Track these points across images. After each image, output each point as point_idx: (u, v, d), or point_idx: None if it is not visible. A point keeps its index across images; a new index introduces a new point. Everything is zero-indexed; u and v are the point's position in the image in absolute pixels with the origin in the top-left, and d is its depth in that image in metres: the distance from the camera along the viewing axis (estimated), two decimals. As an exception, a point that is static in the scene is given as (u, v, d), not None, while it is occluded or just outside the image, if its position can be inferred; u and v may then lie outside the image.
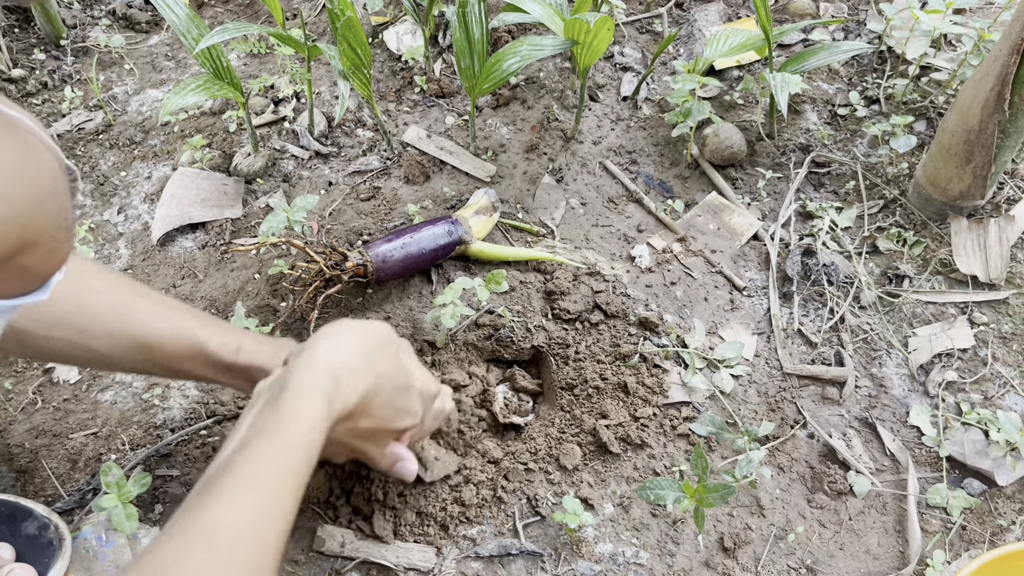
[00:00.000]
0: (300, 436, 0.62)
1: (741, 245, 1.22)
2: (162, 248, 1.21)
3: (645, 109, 1.38)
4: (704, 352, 1.09)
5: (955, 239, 1.18)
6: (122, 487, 0.89)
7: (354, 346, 0.72)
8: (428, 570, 0.90)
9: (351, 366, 0.70)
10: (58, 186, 0.48)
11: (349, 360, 0.70)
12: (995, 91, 1.03)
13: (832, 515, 0.98)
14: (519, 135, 1.33)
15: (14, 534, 0.86)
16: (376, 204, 1.24)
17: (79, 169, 1.32)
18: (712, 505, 0.88)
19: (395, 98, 1.39)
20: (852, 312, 1.14)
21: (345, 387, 0.68)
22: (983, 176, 1.13)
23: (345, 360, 0.70)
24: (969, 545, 0.97)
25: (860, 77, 1.41)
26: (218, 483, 0.58)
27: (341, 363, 0.69)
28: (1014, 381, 1.08)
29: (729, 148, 1.27)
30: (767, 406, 1.06)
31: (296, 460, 0.61)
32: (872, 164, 1.29)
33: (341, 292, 1.09)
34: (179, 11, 1.12)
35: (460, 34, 1.12)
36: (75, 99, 1.40)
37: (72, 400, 1.05)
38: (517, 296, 1.11)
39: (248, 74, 1.46)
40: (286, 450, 0.61)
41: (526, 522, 0.95)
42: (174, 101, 1.08)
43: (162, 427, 1.02)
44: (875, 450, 1.03)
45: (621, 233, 1.22)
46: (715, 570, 0.93)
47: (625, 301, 1.13)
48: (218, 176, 1.28)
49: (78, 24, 1.54)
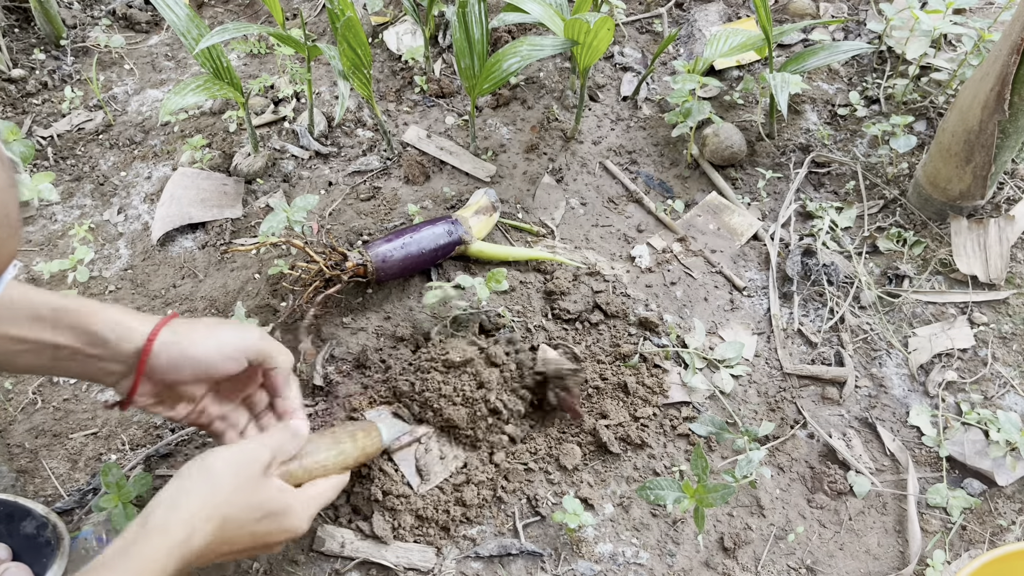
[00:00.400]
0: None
1: (741, 245, 1.22)
2: (162, 248, 1.21)
3: (645, 109, 1.38)
4: (704, 352, 1.09)
5: (955, 239, 1.18)
6: (122, 487, 0.89)
7: (198, 517, 0.68)
8: (428, 570, 0.90)
9: (202, 515, 0.68)
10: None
11: (200, 511, 0.68)
12: (995, 91, 1.03)
13: (832, 515, 0.98)
14: (519, 135, 1.33)
15: (12, 533, 0.86)
16: (376, 204, 1.24)
17: (79, 169, 1.32)
18: (712, 505, 0.88)
19: (395, 98, 1.39)
20: (852, 312, 1.14)
21: (201, 532, 0.67)
22: (983, 176, 1.13)
23: (197, 512, 0.67)
24: (969, 545, 0.97)
25: (860, 77, 1.41)
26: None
27: (197, 513, 0.67)
28: (1014, 381, 1.08)
29: (729, 148, 1.27)
30: (767, 406, 1.06)
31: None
32: (872, 164, 1.29)
33: (341, 292, 1.09)
34: (179, 11, 1.12)
35: (460, 34, 1.12)
36: (75, 99, 1.40)
37: (72, 400, 1.05)
38: (517, 296, 1.11)
39: (248, 74, 1.46)
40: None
41: (526, 522, 0.95)
42: (174, 101, 1.08)
43: (162, 427, 1.02)
44: (875, 450, 1.03)
45: (621, 233, 1.22)
46: (715, 570, 0.93)
47: (625, 301, 1.13)
48: (218, 176, 1.28)
49: (78, 24, 1.54)
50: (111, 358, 0.74)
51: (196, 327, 0.78)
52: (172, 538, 0.64)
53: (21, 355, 0.72)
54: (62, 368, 0.74)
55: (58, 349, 0.72)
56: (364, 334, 1.08)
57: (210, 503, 0.68)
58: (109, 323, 0.73)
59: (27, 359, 0.72)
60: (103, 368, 0.75)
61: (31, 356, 0.72)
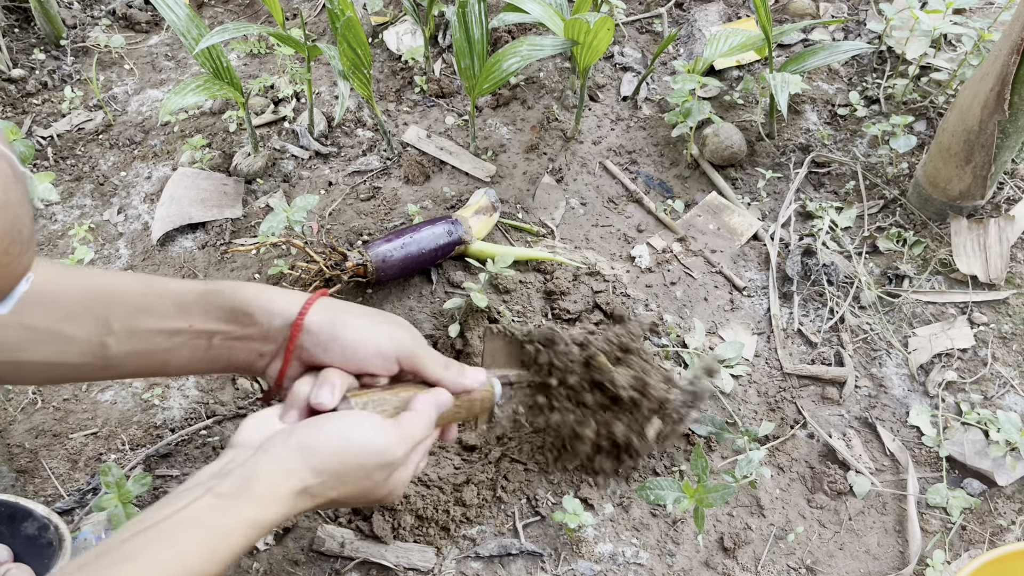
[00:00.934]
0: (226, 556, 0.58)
1: (741, 245, 1.22)
2: (162, 248, 1.21)
3: (645, 109, 1.38)
4: (704, 352, 1.09)
5: (955, 239, 1.18)
6: (122, 487, 0.89)
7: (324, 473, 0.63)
8: (428, 570, 0.90)
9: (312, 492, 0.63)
10: (10, 196, 0.44)
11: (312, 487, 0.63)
12: (995, 91, 1.03)
13: (832, 515, 0.98)
14: (519, 135, 1.33)
15: (13, 535, 0.85)
16: (376, 204, 1.24)
17: (79, 169, 1.32)
18: (712, 505, 0.88)
19: (395, 98, 1.39)
20: (852, 312, 1.14)
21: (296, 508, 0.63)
22: (983, 176, 1.13)
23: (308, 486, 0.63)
24: (969, 545, 0.97)
25: (860, 77, 1.41)
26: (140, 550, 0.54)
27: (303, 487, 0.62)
28: (1014, 381, 1.08)
29: (729, 148, 1.27)
30: (767, 406, 1.06)
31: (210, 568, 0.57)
32: (872, 164, 1.29)
33: (341, 292, 1.09)
34: (179, 11, 1.12)
35: (460, 34, 1.12)
36: (75, 99, 1.40)
37: (72, 400, 1.05)
38: (517, 296, 1.11)
39: (248, 74, 1.46)
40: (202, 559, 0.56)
41: (526, 522, 0.95)
42: (174, 101, 1.08)
43: (162, 427, 1.02)
44: (875, 450, 1.03)
45: (621, 233, 1.22)
46: (715, 570, 0.93)
47: (625, 301, 1.13)
48: (218, 176, 1.28)
49: (78, 24, 1.54)
50: (262, 337, 0.70)
51: (350, 309, 0.72)
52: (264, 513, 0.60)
53: (176, 351, 0.68)
54: (215, 358, 0.70)
55: (212, 336, 0.69)
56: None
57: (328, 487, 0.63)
58: (256, 299, 0.69)
59: (182, 354, 0.68)
60: (254, 350, 0.70)
61: (186, 350, 0.68)
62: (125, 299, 0.67)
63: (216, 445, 1.00)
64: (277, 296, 0.70)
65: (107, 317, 0.66)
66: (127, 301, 0.67)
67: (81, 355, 0.66)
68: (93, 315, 0.66)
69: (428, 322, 1.09)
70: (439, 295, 1.11)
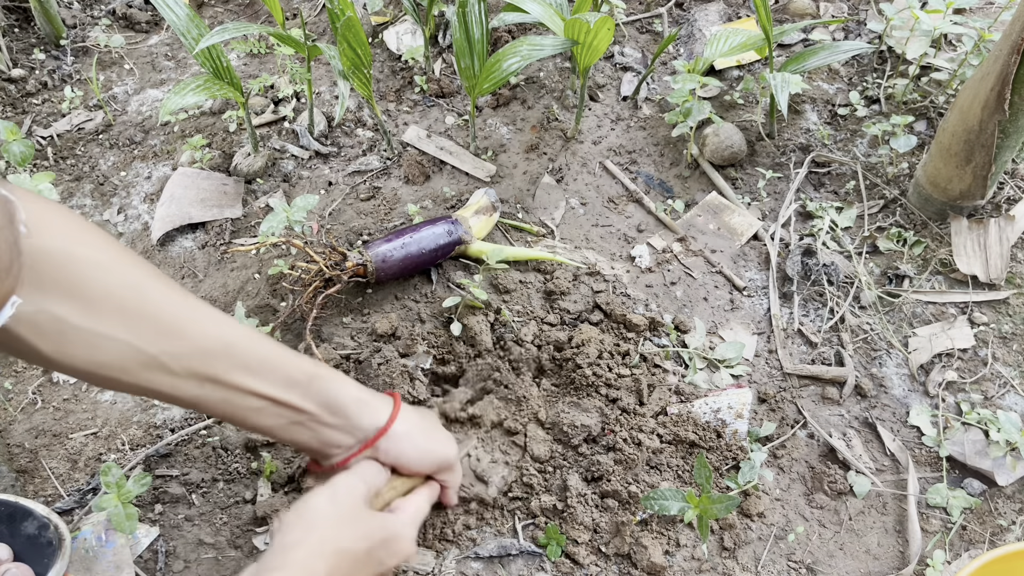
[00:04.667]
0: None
1: (741, 245, 1.22)
2: (162, 248, 1.21)
3: (645, 109, 1.38)
4: (704, 352, 1.09)
5: (955, 239, 1.18)
6: (122, 487, 0.89)
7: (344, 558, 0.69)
8: (427, 572, 0.90)
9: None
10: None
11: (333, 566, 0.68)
12: (995, 91, 1.03)
13: (832, 515, 0.98)
14: (519, 135, 1.33)
15: (13, 534, 0.85)
16: (376, 204, 1.24)
17: (79, 169, 1.32)
18: (716, 516, 0.88)
19: (395, 98, 1.39)
20: (852, 312, 1.14)
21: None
22: (983, 176, 1.13)
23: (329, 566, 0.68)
24: (969, 545, 0.97)
25: (860, 77, 1.41)
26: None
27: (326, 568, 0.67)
28: (1014, 381, 1.08)
29: (729, 148, 1.27)
30: (767, 406, 1.06)
31: None
32: (872, 164, 1.29)
33: (341, 292, 1.09)
34: (179, 11, 1.12)
35: (460, 34, 1.12)
36: (75, 99, 1.40)
37: (72, 400, 1.05)
38: (517, 296, 1.11)
39: (248, 74, 1.46)
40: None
41: (526, 522, 0.95)
42: (174, 101, 1.08)
43: (162, 427, 1.02)
44: (875, 450, 1.03)
45: (621, 233, 1.22)
46: (715, 570, 0.93)
47: (625, 301, 1.13)
48: (218, 176, 1.28)
49: (78, 24, 1.54)
50: (347, 430, 0.75)
51: (419, 421, 0.81)
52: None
53: (262, 413, 0.71)
54: (293, 432, 0.74)
55: (300, 413, 0.73)
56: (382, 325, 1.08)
57: (319, 541, 0.67)
58: (353, 397, 0.75)
59: (266, 419, 0.72)
60: (334, 439, 0.75)
61: (271, 417, 0.72)
62: (240, 355, 0.70)
63: (216, 445, 1.00)
64: (370, 400, 0.77)
65: (217, 366, 0.68)
66: (241, 358, 0.70)
67: (175, 388, 0.67)
68: (205, 361, 0.68)
69: (428, 322, 1.09)
70: (439, 295, 1.11)
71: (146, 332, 0.64)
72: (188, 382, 0.67)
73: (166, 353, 0.65)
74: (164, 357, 0.65)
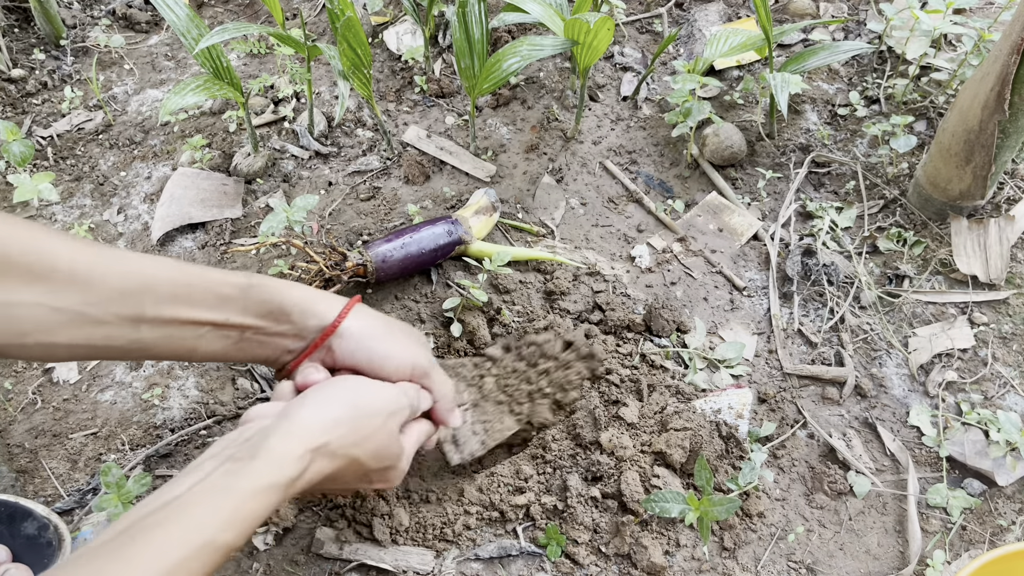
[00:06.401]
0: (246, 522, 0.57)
1: (741, 245, 1.22)
2: (162, 248, 1.21)
3: (645, 109, 1.38)
4: (704, 352, 1.09)
5: (955, 239, 1.18)
6: (122, 487, 0.89)
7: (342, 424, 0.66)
8: (427, 572, 0.90)
9: (331, 449, 0.64)
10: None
11: (331, 440, 0.64)
12: (995, 91, 1.03)
13: (832, 515, 0.98)
14: (519, 135, 1.33)
15: (13, 534, 0.85)
16: (376, 204, 1.24)
17: (79, 169, 1.32)
18: (717, 518, 0.88)
19: (395, 98, 1.39)
20: (852, 312, 1.14)
21: (314, 469, 0.63)
22: (983, 176, 1.13)
23: (327, 440, 0.64)
24: (969, 545, 0.97)
25: (860, 77, 1.41)
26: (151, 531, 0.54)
27: (322, 443, 0.64)
28: (1014, 381, 1.08)
29: (729, 148, 1.27)
30: (767, 406, 1.06)
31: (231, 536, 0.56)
32: (872, 164, 1.29)
33: (341, 292, 1.09)
34: (179, 11, 1.12)
35: (460, 34, 1.12)
36: (75, 99, 1.40)
37: (72, 400, 1.05)
38: (517, 296, 1.11)
39: (248, 74, 1.46)
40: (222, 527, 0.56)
41: (525, 524, 0.95)
42: (174, 101, 1.08)
43: (162, 427, 1.02)
44: (875, 450, 1.03)
45: (621, 233, 1.22)
46: (715, 570, 0.93)
47: (625, 301, 1.13)
48: (218, 176, 1.28)
49: (78, 24, 1.54)
50: (294, 334, 0.72)
51: (379, 320, 0.77)
52: (283, 473, 0.60)
53: (208, 339, 0.68)
54: (243, 349, 0.71)
55: (243, 330, 0.70)
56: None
57: (347, 441, 0.64)
58: (298, 301, 0.71)
59: (211, 345, 0.69)
60: (284, 347, 0.72)
61: (215, 341, 0.69)
62: (163, 287, 0.66)
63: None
64: (317, 299, 0.73)
65: (142, 304, 0.66)
66: (165, 289, 0.67)
67: (110, 338, 0.65)
68: (128, 301, 0.65)
69: (429, 322, 1.09)
70: (439, 295, 1.11)
71: (58, 289, 0.62)
72: (120, 328, 0.65)
73: (85, 303, 0.63)
74: (84, 307, 0.63)
